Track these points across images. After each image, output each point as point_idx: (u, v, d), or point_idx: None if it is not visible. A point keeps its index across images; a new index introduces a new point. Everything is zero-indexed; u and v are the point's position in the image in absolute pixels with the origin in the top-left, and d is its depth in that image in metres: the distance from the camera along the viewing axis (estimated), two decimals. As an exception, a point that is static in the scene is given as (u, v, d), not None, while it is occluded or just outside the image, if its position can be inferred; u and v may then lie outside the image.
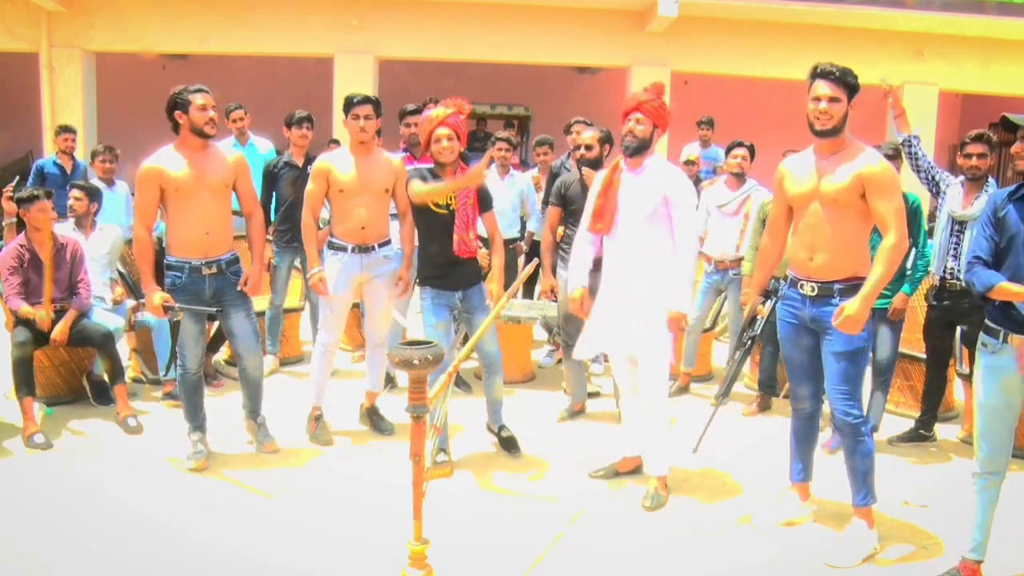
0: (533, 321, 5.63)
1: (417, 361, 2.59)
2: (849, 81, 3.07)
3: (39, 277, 4.42)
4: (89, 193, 5.11)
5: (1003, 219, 2.84)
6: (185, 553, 3.11)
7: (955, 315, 4.34)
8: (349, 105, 4.19)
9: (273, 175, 5.46)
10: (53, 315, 4.43)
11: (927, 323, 4.60)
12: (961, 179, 4.36)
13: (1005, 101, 10.88)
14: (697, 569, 3.14)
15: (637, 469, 3.94)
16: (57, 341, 4.42)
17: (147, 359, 5.13)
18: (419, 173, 4.04)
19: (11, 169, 11.20)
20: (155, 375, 5.08)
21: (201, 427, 4.07)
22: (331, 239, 4.29)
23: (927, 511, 3.67)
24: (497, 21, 10.36)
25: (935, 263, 4.42)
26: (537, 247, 5.67)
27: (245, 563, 3.05)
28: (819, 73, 3.10)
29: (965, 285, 4.03)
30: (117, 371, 4.57)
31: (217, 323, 4.33)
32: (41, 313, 4.35)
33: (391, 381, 5.21)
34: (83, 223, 5.08)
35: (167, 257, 3.93)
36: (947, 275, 4.35)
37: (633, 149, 3.60)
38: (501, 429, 4.33)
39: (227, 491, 3.72)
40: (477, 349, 4.22)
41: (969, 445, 4.39)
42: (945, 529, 3.43)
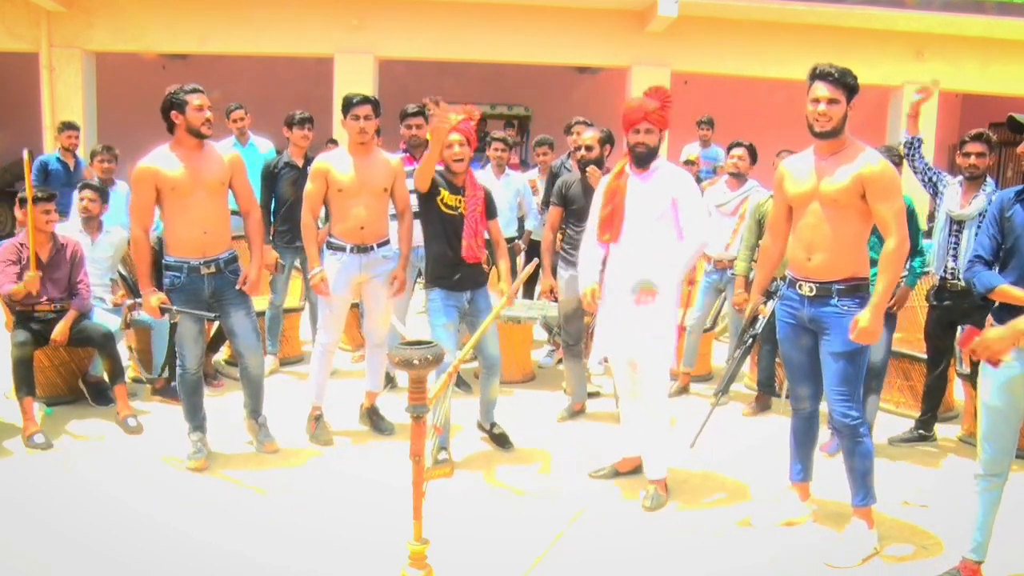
0: (533, 321, 5.63)
1: (417, 361, 2.59)
2: (848, 82, 3.06)
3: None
4: (101, 194, 5.09)
5: (1009, 219, 2.83)
6: (185, 553, 3.11)
7: (955, 315, 4.33)
8: (348, 105, 4.19)
9: (273, 175, 5.46)
10: (52, 312, 4.43)
11: (927, 323, 4.60)
12: (959, 179, 4.36)
13: (1005, 101, 10.89)
14: (697, 569, 3.14)
15: (637, 469, 3.94)
16: (57, 341, 4.41)
17: (146, 359, 5.13)
18: (434, 176, 4.09)
19: (11, 169, 11.20)
20: (150, 374, 5.08)
21: (201, 427, 4.07)
22: (330, 239, 4.29)
23: (927, 511, 3.66)
24: (497, 21, 10.37)
25: (935, 263, 4.42)
26: (536, 246, 5.67)
27: (245, 563, 3.05)
28: (818, 74, 3.09)
29: (965, 284, 4.03)
30: (117, 371, 4.57)
31: (217, 323, 4.33)
32: (29, 274, 4.28)
33: (391, 381, 5.21)
34: (91, 224, 5.07)
35: (165, 257, 3.93)
36: (947, 275, 4.35)
37: (645, 159, 3.63)
38: (492, 426, 4.37)
39: (227, 491, 3.73)
40: (479, 350, 4.24)
41: (969, 445, 4.39)
42: (945, 529, 3.42)
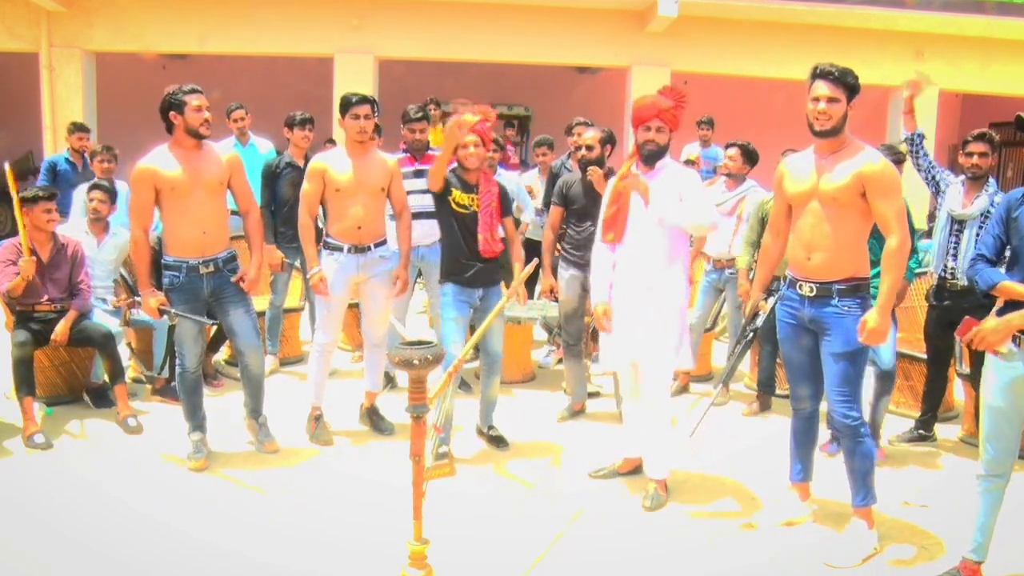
0: (533, 321, 5.63)
1: (417, 361, 2.59)
2: (848, 81, 3.07)
3: (37, 276, 4.40)
4: (111, 194, 5.07)
5: (1016, 220, 2.82)
6: (185, 553, 3.11)
7: (955, 315, 4.28)
8: (347, 105, 4.18)
9: (275, 175, 5.46)
10: (53, 312, 4.44)
11: (927, 323, 4.60)
12: (961, 178, 4.36)
13: (1005, 101, 10.89)
14: (697, 569, 3.14)
15: (637, 470, 3.94)
16: (57, 341, 4.41)
17: (147, 359, 5.13)
18: (447, 175, 4.12)
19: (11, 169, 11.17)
20: (150, 372, 5.07)
21: (201, 427, 4.07)
22: (327, 239, 4.28)
23: (927, 511, 3.66)
24: (497, 21, 10.36)
25: (935, 262, 4.42)
26: (534, 245, 5.67)
27: (245, 563, 3.05)
28: (818, 73, 3.10)
29: (967, 283, 4.03)
30: (117, 371, 4.57)
31: (217, 322, 4.33)
32: (24, 260, 4.26)
33: (391, 381, 5.21)
34: (98, 225, 5.05)
35: (164, 257, 3.93)
36: (947, 275, 4.35)
37: (653, 157, 3.64)
38: (490, 429, 4.39)
39: (227, 491, 3.73)
40: (482, 347, 4.26)
41: (969, 445, 4.39)
42: (945, 529, 3.42)
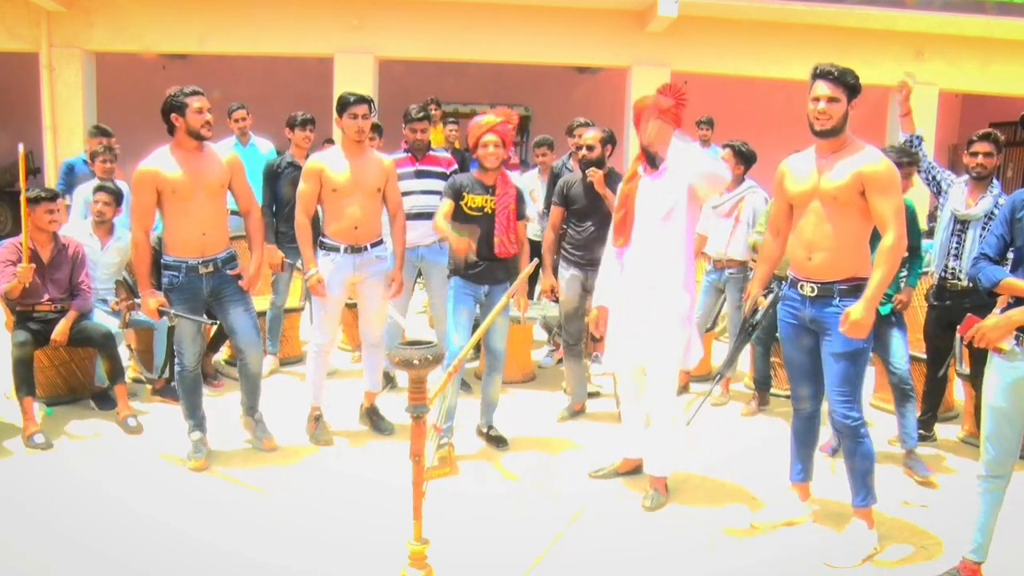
0: (533, 321, 5.63)
1: (417, 361, 2.59)
2: (849, 81, 3.07)
3: (37, 276, 4.40)
4: (116, 197, 5.06)
5: (1020, 220, 2.82)
6: (185, 553, 3.11)
7: (955, 315, 4.29)
8: (345, 104, 4.16)
9: (276, 175, 5.46)
10: (53, 312, 4.44)
11: (927, 323, 4.59)
12: (965, 178, 4.35)
13: (1005, 101, 10.88)
14: (697, 569, 3.14)
15: (637, 470, 3.94)
16: (57, 341, 4.41)
17: (147, 359, 5.13)
18: (461, 180, 4.16)
19: (11, 170, 11.20)
20: (151, 374, 5.07)
21: (201, 426, 4.07)
22: (323, 239, 4.28)
23: (927, 511, 3.66)
24: (497, 21, 10.34)
25: (936, 263, 4.42)
26: (535, 245, 5.67)
27: (245, 563, 3.05)
28: (819, 73, 3.10)
29: (970, 282, 4.02)
30: (117, 371, 4.57)
31: (217, 322, 4.33)
32: (22, 266, 4.24)
33: (391, 381, 5.21)
34: (102, 228, 5.04)
35: (164, 257, 3.93)
36: (947, 275, 4.35)
37: (656, 157, 3.63)
38: (490, 429, 4.39)
39: (227, 491, 3.73)
40: (485, 345, 4.26)
41: (969, 445, 4.39)
42: (945, 529, 3.43)
